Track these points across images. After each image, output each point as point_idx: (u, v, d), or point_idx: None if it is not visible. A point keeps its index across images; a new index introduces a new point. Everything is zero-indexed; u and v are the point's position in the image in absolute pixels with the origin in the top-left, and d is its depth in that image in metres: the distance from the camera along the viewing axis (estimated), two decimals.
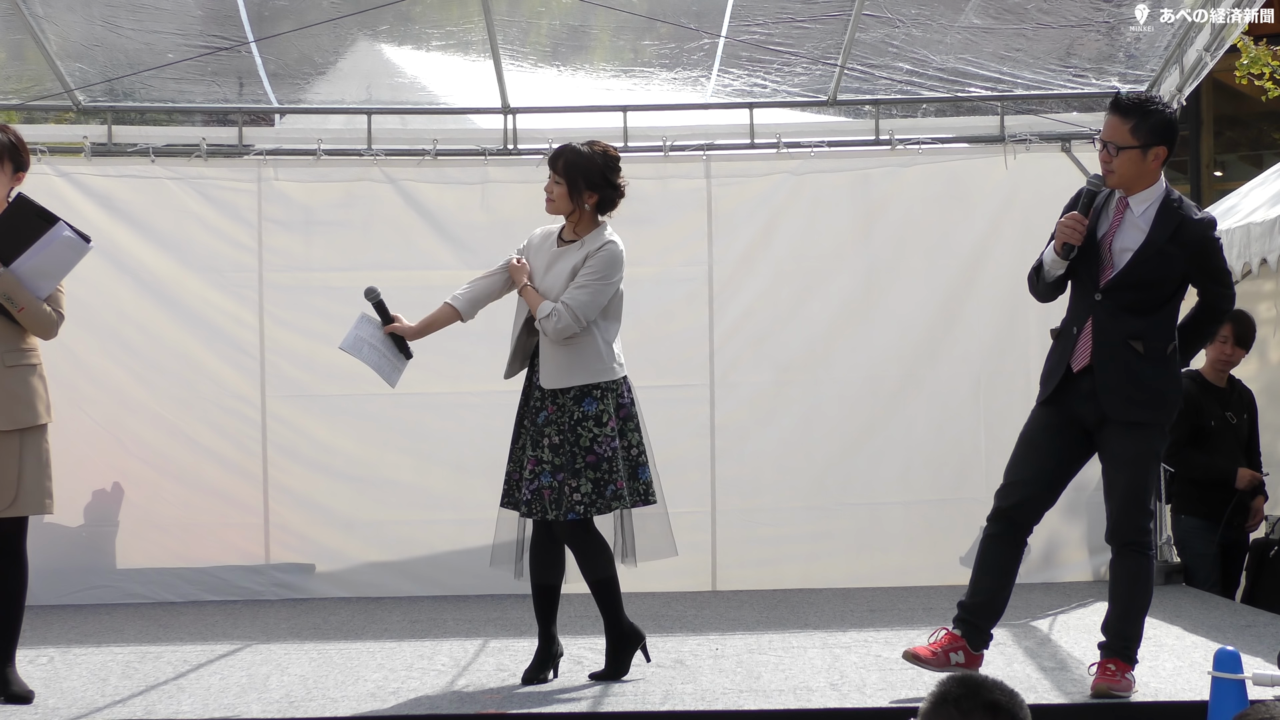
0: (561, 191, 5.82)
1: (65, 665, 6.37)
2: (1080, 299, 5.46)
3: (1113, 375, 5.35)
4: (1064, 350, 5.45)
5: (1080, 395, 5.40)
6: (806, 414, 8.36)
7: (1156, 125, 5.33)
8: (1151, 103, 5.39)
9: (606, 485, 5.75)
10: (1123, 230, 5.39)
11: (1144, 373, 5.37)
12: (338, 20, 8.07)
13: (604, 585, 5.85)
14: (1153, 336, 5.38)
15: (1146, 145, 5.33)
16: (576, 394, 5.75)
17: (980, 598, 5.50)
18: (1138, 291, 5.35)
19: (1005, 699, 2.96)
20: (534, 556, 5.90)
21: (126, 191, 8.31)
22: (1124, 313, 5.35)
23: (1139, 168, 5.35)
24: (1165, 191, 5.43)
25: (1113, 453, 5.41)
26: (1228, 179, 16.30)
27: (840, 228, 8.42)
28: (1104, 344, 5.36)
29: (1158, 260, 5.34)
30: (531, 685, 5.77)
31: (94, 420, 8.20)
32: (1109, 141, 5.35)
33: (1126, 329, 5.35)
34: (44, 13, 7.96)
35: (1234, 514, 8.00)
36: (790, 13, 8.04)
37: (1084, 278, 5.42)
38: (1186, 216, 5.39)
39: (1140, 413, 5.38)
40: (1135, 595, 5.45)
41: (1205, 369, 8.14)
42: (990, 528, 5.53)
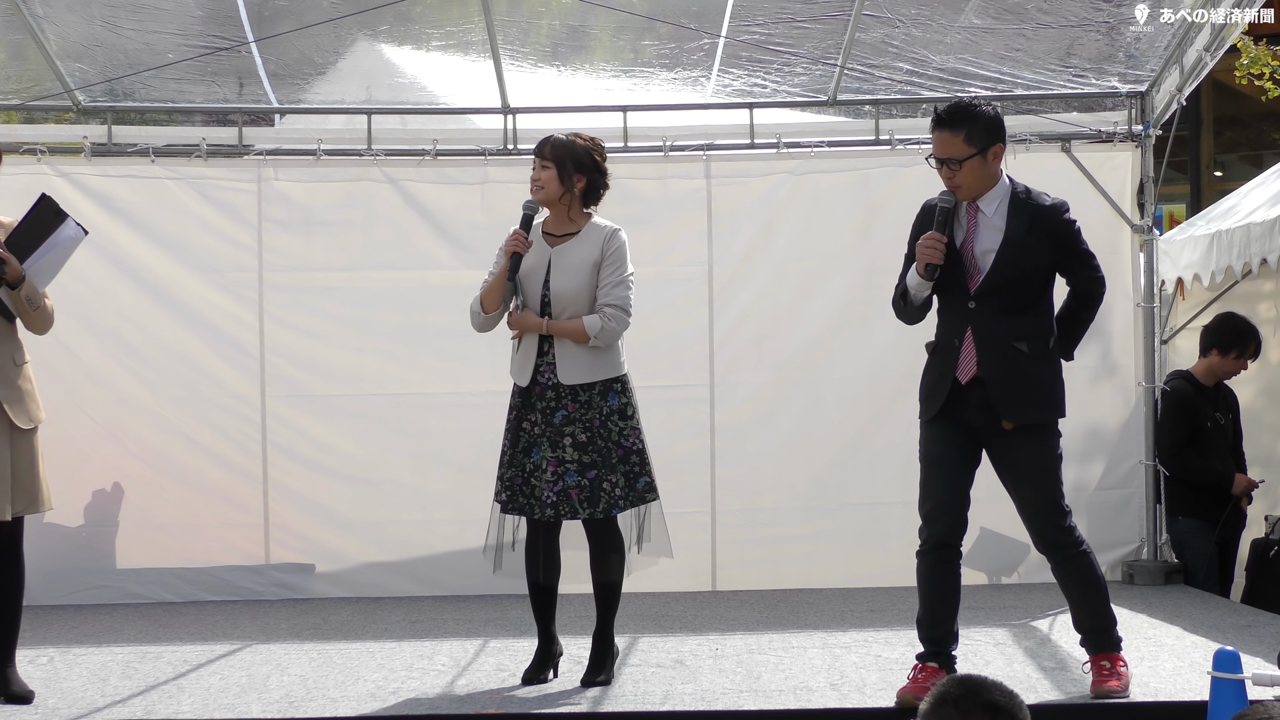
0: (551, 175, 5.81)
1: (65, 665, 6.37)
2: (953, 310, 5.41)
3: (1005, 381, 5.31)
4: (946, 364, 5.40)
5: (971, 406, 5.36)
6: (806, 414, 8.36)
7: (987, 126, 5.35)
8: (974, 106, 5.39)
9: (638, 478, 5.76)
10: (980, 233, 5.36)
11: (1034, 372, 5.35)
12: (338, 20, 8.07)
13: (614, 588, 5.86)
14: (1034, 334, 5.36)
15: (984, 148, 5.33)
16: (601, 389, 5.75)
17: (943, 628, 5.48)
18: (1009, 290, 5.32)
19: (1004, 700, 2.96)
20: (533, 558, 5.87)
21: (126, 191, 8.31)
22: (1001, 315, 5.32)
23: (983, 173, 5.35)
24: (1010, 185, 5.41)
25: (1015, 463, 5.37)
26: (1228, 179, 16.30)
27: (840, 228, 8.41)
28: (988, 351, 5.32)
29: (1021, 254, 5.31)
30: (532, 685, 5.77)
31: (94, 420, 8.20)
32: (948, 159, 5.32)
33: (1008, 331, 5.32)
34: (44, 13, 7.96)
35: (1229, 515, 8.02)
36: (790, 13, 8.04)
37: (952, 289, 5.38)
38: (1039, 205, 5.38)
39: (1040, 413, 5.37)
40: (1091, 589, 5.45)
41: (1200, 372, 8.14)
42: (929, 557, 5.49)
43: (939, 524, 5.45)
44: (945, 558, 5.46)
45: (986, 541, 7.94)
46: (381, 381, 8.32)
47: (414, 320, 8.34)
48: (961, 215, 5.40)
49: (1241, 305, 8.56)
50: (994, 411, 5.33)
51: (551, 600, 5.92)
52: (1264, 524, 8.20)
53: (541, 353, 5.79)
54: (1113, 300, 8.32)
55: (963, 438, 5.42)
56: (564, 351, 5.75)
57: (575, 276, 5.77)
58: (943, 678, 5.30)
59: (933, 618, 5.48)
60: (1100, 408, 8.35)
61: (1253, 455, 8.39)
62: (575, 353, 5.75)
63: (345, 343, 8.32)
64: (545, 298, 5.80)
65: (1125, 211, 8.34)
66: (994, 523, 8.06)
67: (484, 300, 5.86)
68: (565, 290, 5.78)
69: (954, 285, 5.38)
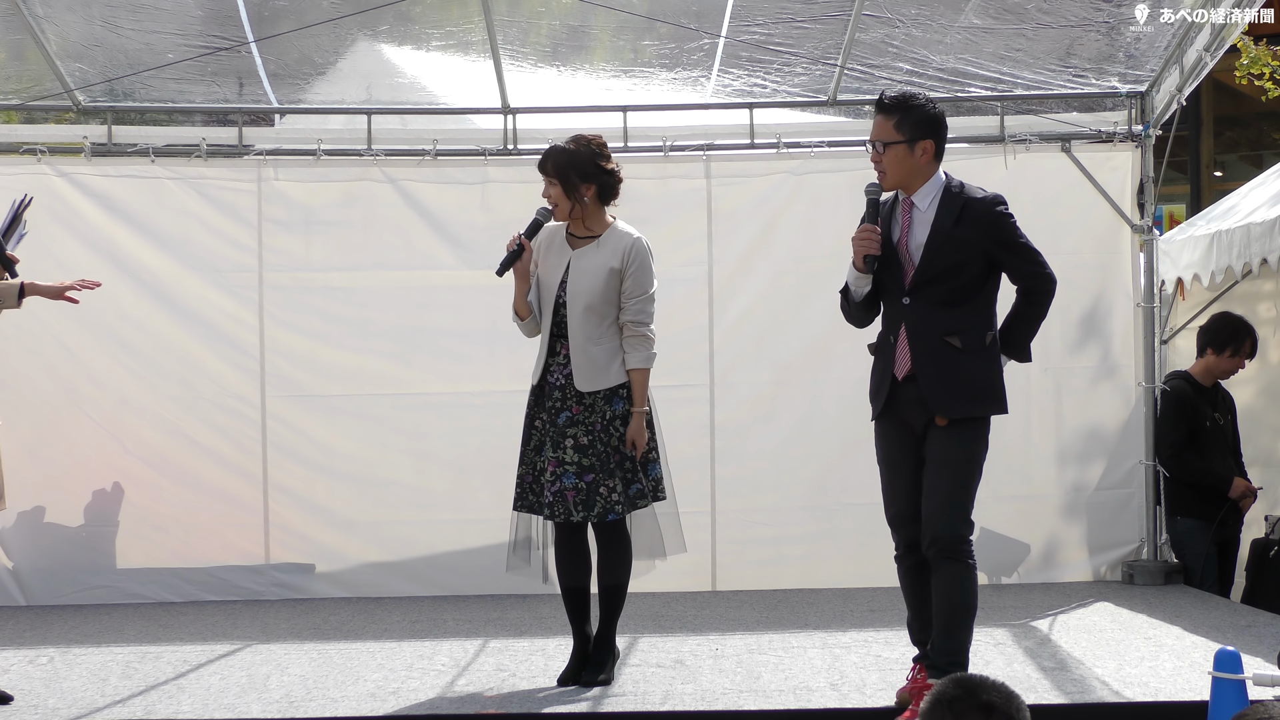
0: (559, 192, 5.79)
1: (65, 665, 6.37)
2: (890, 308, 5.41)
3: (936, 376, 5.29)
4: (885, 361, 5.40)
5: (909, 402, 5.34)
6: (806, 414, 8.36)
7: (920, 119, 5.34)
8: (914, 99, 5.39)
9: (631, 483, 5.76)
10: (913, 229, 5.36)
11: (967, 366, 5.31)
12: (338, 20, 8.07)
13: (618, 591, 5.86)
14: (968, 329, 5.32)
15: (912, 139, 5.32)
16: (606, 394, 5.75)
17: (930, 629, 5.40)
18: (940, 284, 5.30)
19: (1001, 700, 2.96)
20: (561, 559, 5.88)
21: (126, 191, 8.31)
22: (934, 309, 5.30)
23: (908, 163, 5.34)
24: (945, 181, 5.40)
25: (936, 455, 5.32)
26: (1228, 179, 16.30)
27: (840, 228, 8.32)
28: (921, 346, 5.30)
29: (949, 247, 5.29)
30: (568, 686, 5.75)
31: (94, 420, 8.20)
32: (875, 140, 5.35)
33: (940, 326, 5.30)
34: (44, 13, 7.96)
35: (1227, 514, 8.02)
36: (790, 13, 8.04)
37: (890, 286, 5.38)
38: (970, 198, 5.36)
39: (970, 407, 5.31)
40: (958, 607, 5.28)
41: (1198, 373, 8.14)
42: (905, 561, 5.46)
43: (905, 529, 5.43)
44: (920, 560, 5.42)
45: (986, 541, 7.94)
46: (381, 381, 8.31)
47: (414, 320, 8.34)
48: (898, 213, 5.40)
49: (1241, 305, 8.56)
50: (928, 407, 5.31)
51: (581, 601, 5.90)
52: (1264, 524, 8.19)
53: (553, 352, 5.79)
54: (1113, 300, 8.36)
55: (910, 438, 5.40)
56: (578, 357, 5.74)
57: (590, 280, 5.76)
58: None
59: (920, 621, 5.46)
60: (1100, 408, 8.36)
61: (1252, 455, 8.39)
62: (588, 358, 5.74)
63: (345, 343, 8.31)
64: (560, 298, 5.79)
65: (1125, 211, 8.34)
66: (994, 523, 8.08)
67: (516, 310, 5.86)
68: (579, 292, 5.78)
69: (891, 282, 5.38)
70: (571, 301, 5.76)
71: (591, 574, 5.91)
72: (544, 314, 5.82)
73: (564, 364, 5.76)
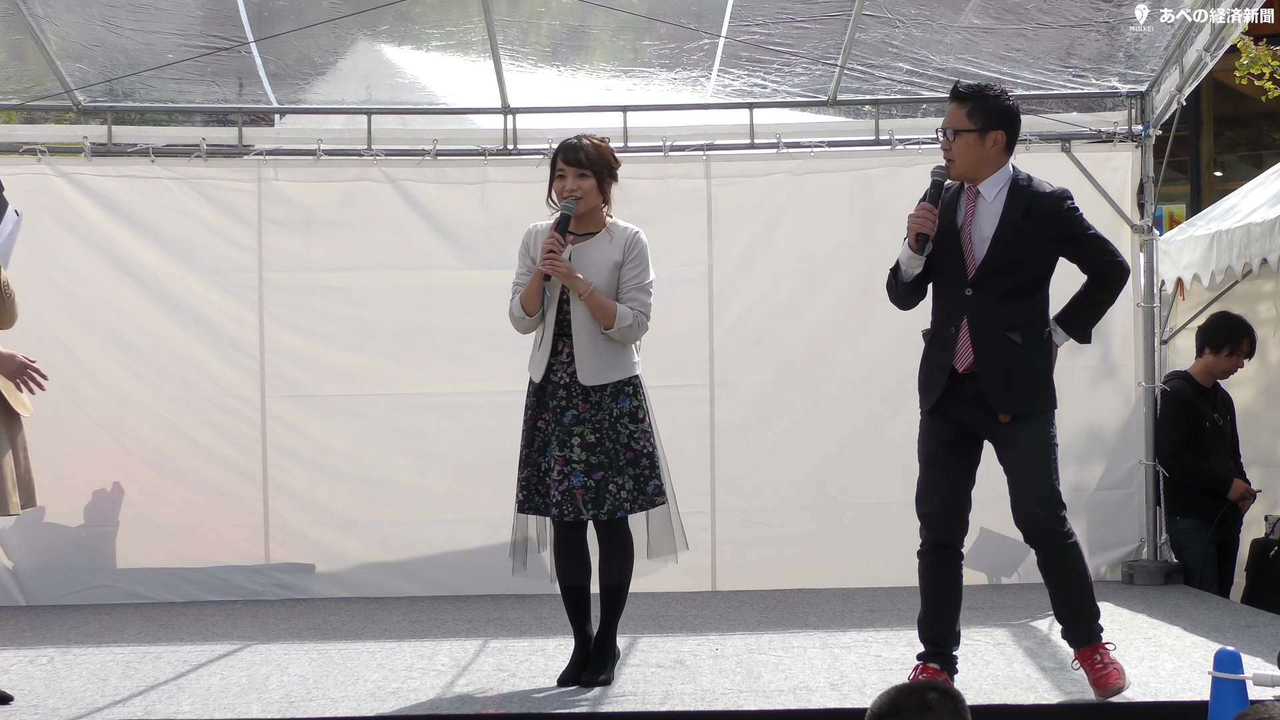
0: (591, 185, 5.76)
1: (65, 665, 6.37)
2: (949, 297, 5.39)
3: (997, 373, 5.30)
4: (943, 352, 5.38)
5: (965, 401, 5.34)
6: (806, 414, 8.36)
7: (993, 110, 5.34)
8: (989, 89, 5.40)
9: (648, 481, 5.75)
10: (978, 219, 5.36)
11: (1025, 364, 5.33)
12: (338, 20, 8.07)
13: (620, 591, 5.85)
14: (1028, 326, 5.34)
15: (984, 129, 5.33)
16: (612, 390, 5.74)
17: (943, 628, 5.47)
18: (1004, 277, 5.30)
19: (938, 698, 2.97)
20: (561, 559, 5.86)
21: (126, 191, 8.31)
22: (996, 303, 5.30)
23: (978, 153, 5.34)
24: (1013, 173, 5.40)
25: (1011, 449, 5.35)
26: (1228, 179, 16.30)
27: (840, 228, 8.41)
28: (982, 340, 5.30)
29: (1016, 240, 5.30)
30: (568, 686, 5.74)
31: (94, 420, 8.20)
32: (947, 128, 5.36)
33: (1001, 320, 5.31)
34: (44, 13, 7.96)
35: (1226, 515, 8.02)
36: (790, 13, 8.04)
37: (949, 275, 5.37)
38: (1038, 192, 5.37)
39: (1030, 402, 5.34)
40: (1077, 584, 5.40)
41: (1197, 371, 8.15)
42: (929, 557, 5.48)
43: (938, 526, 5.44)
44: (944, 558, 5.46)
45: (986, 541, 7.94)
46: (381, 381, 8.32)
47: (414, 320, 8.34)
48: (962, 201, 5.39)
49: (1241, 305, 8.56)
50: (987, 404, 5.31)
51: (582, 601, 5.88)
52: (1264, 524, 8.20)
53: (555, 351, 5.76)
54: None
55: (960, 436, 5.41)
56: (582, 352, 5.72)
57: (595, 274, 5.74)
58: (942, 678, 5.31)
59: (931, 618, 5.47)
60: (1100, 408, 8.35)
61: (1252, 455, 8.39)
62: (593, 353, 5.72)
63: (345, 343, 8.31)
64: (565, 295, 5.76)
65: (1125, 212, 8.34)
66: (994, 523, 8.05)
67: (525, 304, 5.77)
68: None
69: (951, 271, 5.36)
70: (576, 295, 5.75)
71: (592, 574, 5.91)
72: (547, 311, 5.79)
73: (567, 362, 5.75)
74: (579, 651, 5.86)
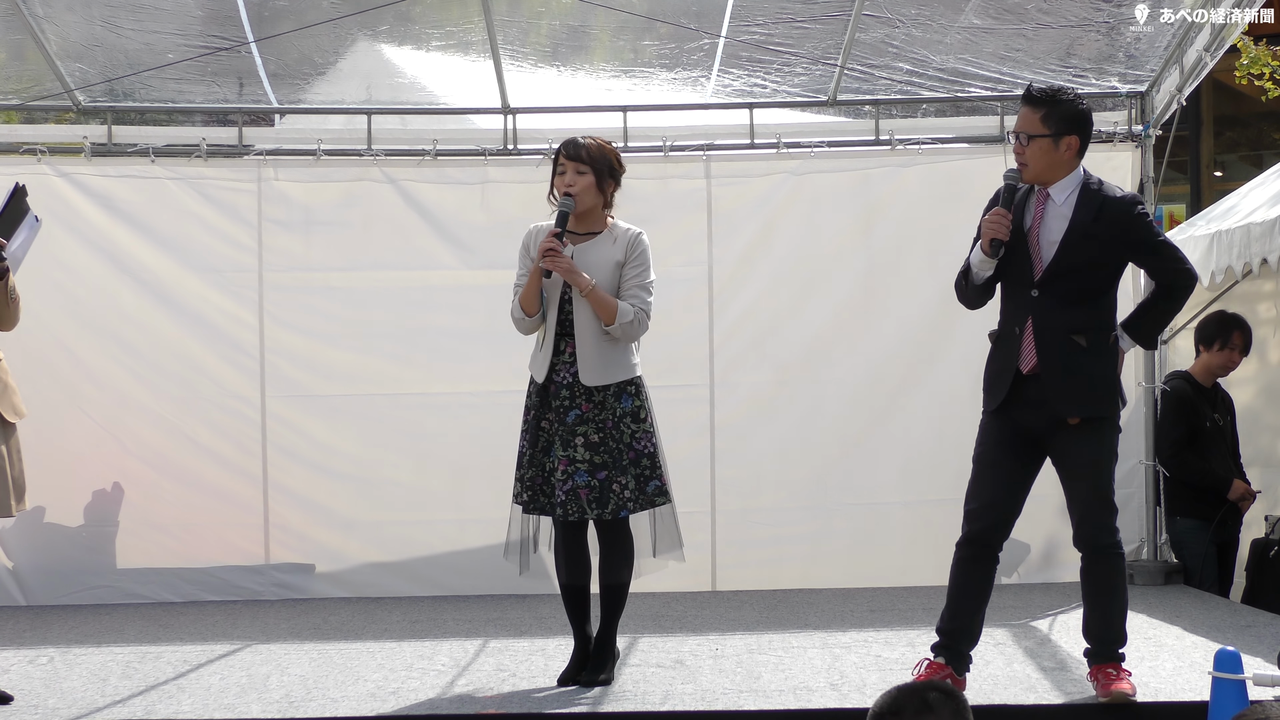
0: (588, 182, 5.75)
1: (65, 665, 6.36)
2: (1015, 298, 5.39)
3: (1059, 374, 5.29)
4: (1008, 353, 5.38)
5: (1029, 402, 5.34)
6: (806, 414, 8.36)
7: (1067, 114, 5.34)
8: (1063, 93, 5.39)
9: (648, 481, 5.76)
10: (1047, 221, 5.36)
11: (1090, 367, 5.32)
12: (338, 20, 8.07)
13: (621, 590, 5.85)
14: (1094, 329, 5.34)
15: (1058, 134, 5.33)
16: (615, 390, 5.74)
17: (960, 622, 5.47)
18: (1071, 280, 5.30)
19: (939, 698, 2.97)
20: (563, 558, 5.85)
21: (126, 191, 8.31)
22: (1063, 306, 5.30)
23: (1051, 157, 5.34)
24: (1084, 177, 5.41)
25: (1071, 456, 5.36)
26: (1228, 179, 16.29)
27: (840, 228, 8.42)
28: (1046, 341, 5.30)
29: (1085, 244, 5.30)
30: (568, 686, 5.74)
31: (94, 420, 8.20)
32: (1020, 132, 5.35)
33: (1067, 323, 5.31)
34: (44, 13, 7.96)
35: (1226, 515, 8.02)
36: (790, 13, 8.04)
37: (1016, 276, 5.37)
38: (1109, 196, 5.37)
39: (1095, 407, 5.34)
40: (1116, 598, 5.43)
41: (1197, 371, 8.14)
42: (963, 551, 5.47)
43: (980, 522, 5.42)
44: (978, 554, 5.45)
45: None
46: (381, 381, 8.32)
47: (414, 320, 8.34)
48: (1031, 203, 5.39)
49: (1241, 305, 8.56)
50: (1049, 406, 5.31)
51: (582, 600, 5.87)
52: (1264, 524, 8.19)
53: (558, 351, 5.75)
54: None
55: (1020, 439, 5.40)
56: (584, 351, 5.71)
57: (596, 274, 5.73)
58: (948, 676, 5.31)
59: (952, 610, 5.47)
60: None
61: (1252, 455, 8.39)
62: (595, 353, 5.71)
63: (345, 343, 8.32)
64: (566, 294, 5.76)
65: None
66: None
67: (524, 304, 5.74)
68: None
69: (1018, 272, 5.35)
70: (579, 296, 5.74)
71: (592, 573, 5.91)
72: (549, 311, 5.78)
73: (569, 362, 5.74)
74: (579, 651, 5.86)
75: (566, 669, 5.84)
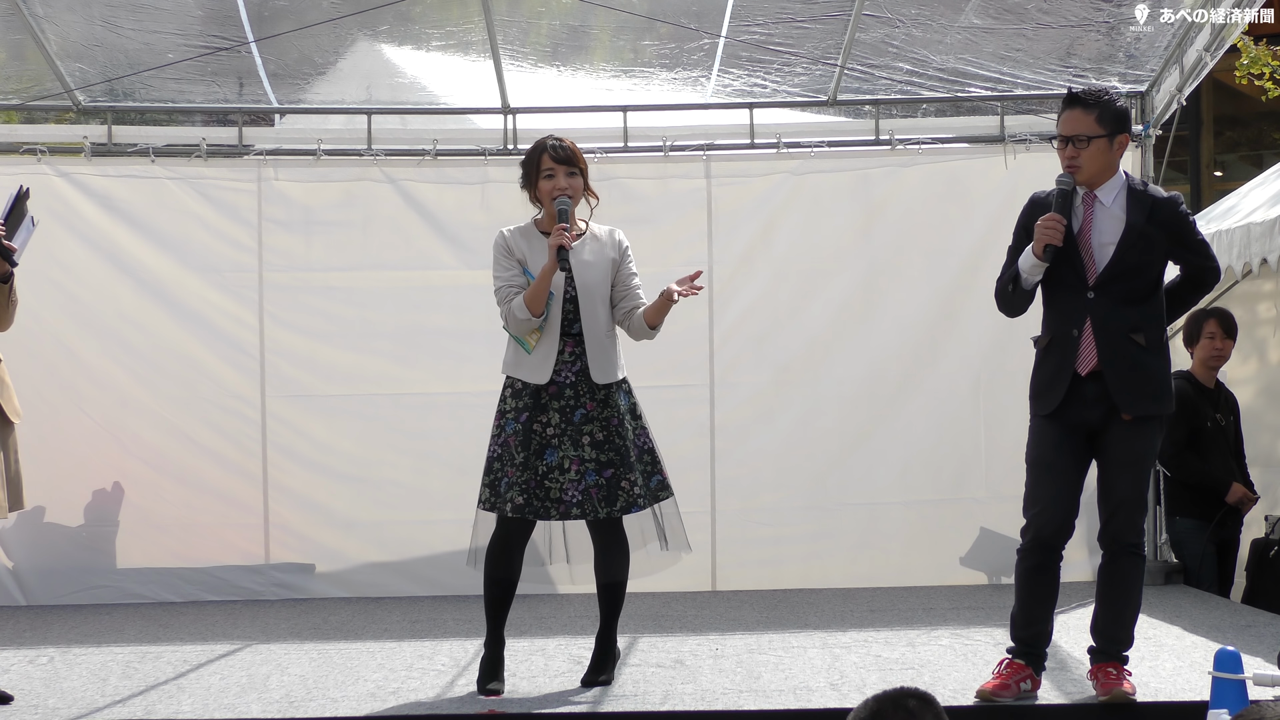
0: (579, 184, 5.79)
1: (65, 665, 6.36)
2: (1069, 301, 5.37)
3: (1123, 373, 5.31)
4: (1065, 356, 5.36)
5: (1087, 401, 5.34)
6: (806, 414, 8.36)
7: (1119, 114, 5.38)
8: (1107, 93, 5.43)
9: (651, 476, 5.77)
10: (1098, 224, 5.36)
11: (1149, 365, 5.35)
12: (338, 20, 8.07)
13: (621, 589, 5.83)
14: (1150, 327, 5.37)
15: (1112, 134, 5.36)
16: (615, 388, 5.75)
17: (1036, 628, 5.48)
18: (1129, 281, 5.32)
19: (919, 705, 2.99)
20: (503, 553, 5.72)
21: (126, 191, 8.32)
22: (1120, 306, 5.31)
23: (1107, 158, 5.36)
24: (1126, 178, 5.43)
25: (1118, 452, 5.36)
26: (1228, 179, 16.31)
27: (840, 228, 8.42)
28: (1108, 342, 5.31)
29: (1143, 244, 5.32)
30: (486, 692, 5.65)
31: (94, 420, 8.20)
32: (1076, 135, 5.34)
33: (1126, 323, 5.32)
34: (44, 13, 7.96)
35: (1226, 515, 8.02)
36: (790, 13, 8.04)
37: (1067, 279, 5.36)
38: (1157, 197, 5.41)
39: (1151, 405, 5.35)
40: (1132, 599, 5.44)
41: (1196, 370, 8.14)
42: (1031, 559, 5.46)
43: (1046, 528, 5.40)
44: (1047, 561, 5.46)
45: (986, 541, 7.95)
46: (381, 381, 8.32)
47: (414, 320, 8.34)
48: (1077, 205, 5.39)
49: (1241, 305, 8.56)
50: (1109, 404, 5.31)
51: (509, 597, 5.79)
52: (1264, 524, 8.19)
53: (560, 351, 5.74)
54: None
55: (1075, 439, 5.39)
56: (594, 350, 5.70)
57: (599, 273, 5.77)
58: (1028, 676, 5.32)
59: (1027, 618, 5.48)
60: None
61: (1252, 455, 8.38)
62: (601, 352, 5.72)
63: (345, 343, 8.32)
64: (569, 293, 5.73)
65: None
66: (994, 523, 8.08)
67: (533, 305, 5.65)
68: (592, 284, 5.75)
69: (1069, 275, 5.35)
70: (587, 295, 5.73)
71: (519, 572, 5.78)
72: (551, 310, 5.74)
73: (570, 361, 5.73)
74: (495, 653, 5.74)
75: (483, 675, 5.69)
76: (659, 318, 5.77)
